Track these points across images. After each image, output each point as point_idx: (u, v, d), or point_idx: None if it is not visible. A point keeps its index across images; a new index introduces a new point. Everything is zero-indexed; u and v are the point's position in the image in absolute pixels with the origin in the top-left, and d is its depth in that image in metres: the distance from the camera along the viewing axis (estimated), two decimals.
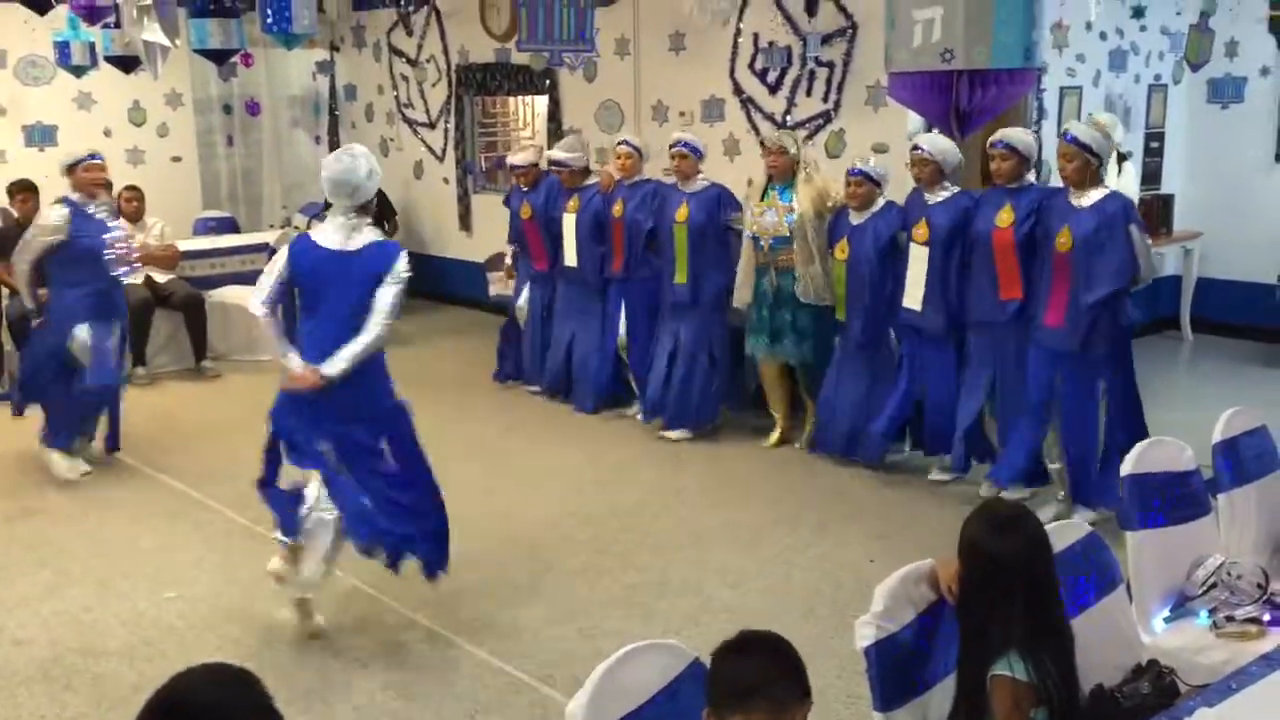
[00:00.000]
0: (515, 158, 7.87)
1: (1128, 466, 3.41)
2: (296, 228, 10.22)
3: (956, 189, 5.83)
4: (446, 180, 10.84)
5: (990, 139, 5.56)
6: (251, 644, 4.36)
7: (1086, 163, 5.20)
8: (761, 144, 6.64)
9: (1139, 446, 3.48)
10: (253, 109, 11.62)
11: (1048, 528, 2.92)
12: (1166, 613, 3.35)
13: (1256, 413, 3.85)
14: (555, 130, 9.51)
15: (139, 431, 7.03)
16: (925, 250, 5.77)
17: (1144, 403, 5.37)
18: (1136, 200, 7.40)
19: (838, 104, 7.61)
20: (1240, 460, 3.70)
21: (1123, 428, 5.28)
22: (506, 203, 7.97)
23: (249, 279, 9.13)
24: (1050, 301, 5.32)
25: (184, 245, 9.13)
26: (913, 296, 5.86)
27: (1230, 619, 3.26)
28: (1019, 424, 5.50)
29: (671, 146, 6.76)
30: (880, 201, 6.07)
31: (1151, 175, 9.00)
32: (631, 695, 2.23)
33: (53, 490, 6.09)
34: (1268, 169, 8.76)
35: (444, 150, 10.81)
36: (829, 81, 7.61)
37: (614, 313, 7.26)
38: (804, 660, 2.13)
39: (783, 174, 6.34)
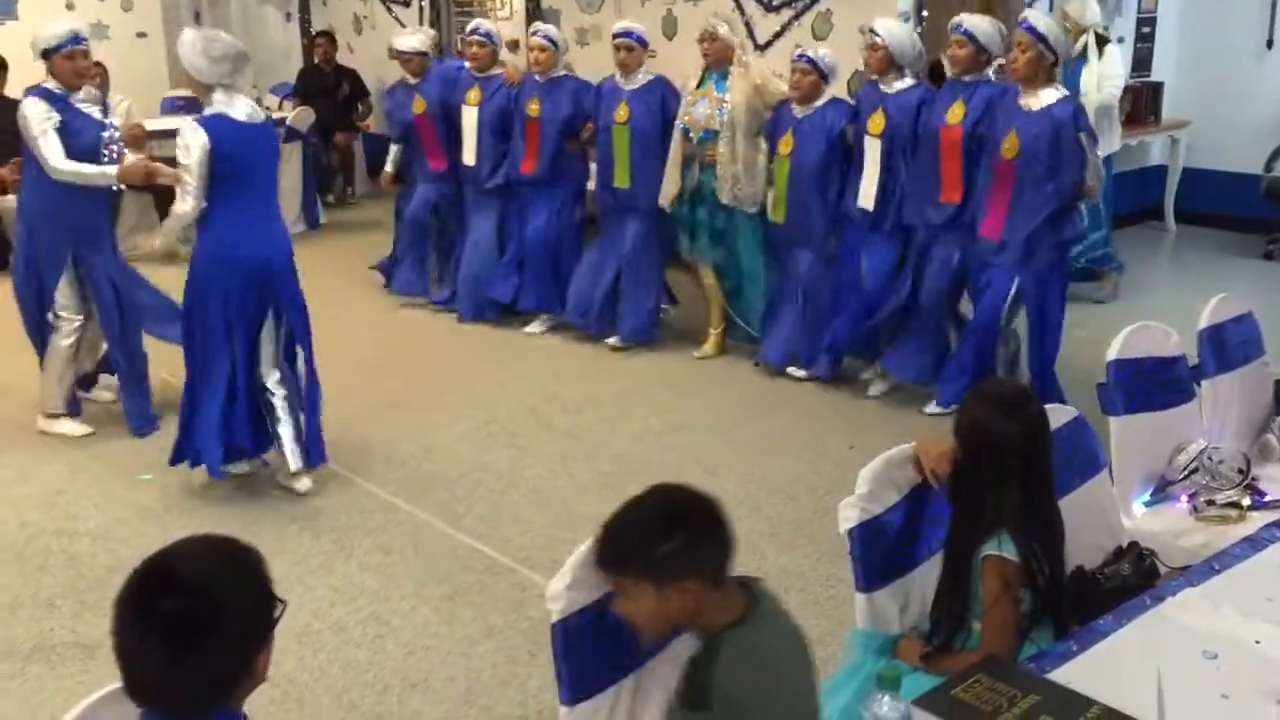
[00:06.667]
0: (401, 41, 7.05)
1: (1113, 351, 3.37)
2: (268, 109, 9.94)
3: (914, 81, 5.37)
4: None
5: (951, 23, 5.10)
6: (232, 526, 4.28)
7: (1041, 56, 4.79)
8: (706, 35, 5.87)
9: (1124, 332, 3.43)
10: None
11: None
12: (1147, 496, 3.36)
13: (1243, 301, 3.81)
14: (534, 9, 9.23)
15: None
16: (880, 143, 5.33)
17: (1129, 291, 5.28)
18: (1123, 85, 7.22)
19: None
20: (1225, 347, 3.68)
21: (1036, 354, 4.98)
22: (390, 98, 7.31)
23: None
24: (988, 212, 4.93)
25: (151, 125, 8.84)
26: (867, 194, 5.39)
27: (1210, 503, 3.27)
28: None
29: (615, 37, 6.11)
30: (825, 97, 5.60)
31: (1142, 62, 8.83)
32: None
33: (18, 377, 5.99)
34: (1258, 56, 8.62)
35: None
36: None
37: (518, 217, 6.66)
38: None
39: (718, 62, 5.83)
